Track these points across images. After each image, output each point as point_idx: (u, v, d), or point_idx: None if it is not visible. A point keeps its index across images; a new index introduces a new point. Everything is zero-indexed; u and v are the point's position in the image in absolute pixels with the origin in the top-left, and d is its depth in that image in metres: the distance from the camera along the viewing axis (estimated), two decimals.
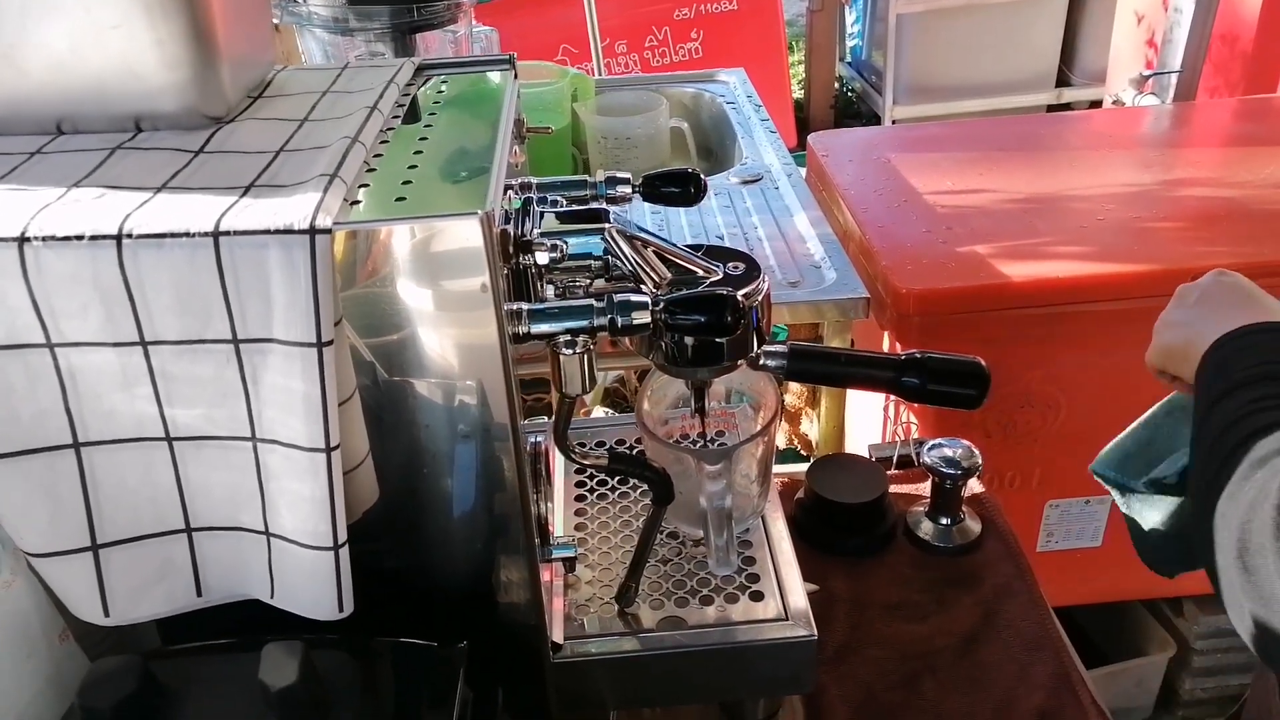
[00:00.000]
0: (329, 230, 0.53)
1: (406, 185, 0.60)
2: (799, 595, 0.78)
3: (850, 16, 4.43)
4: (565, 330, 0.62)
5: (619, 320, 0.62)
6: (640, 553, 0.77)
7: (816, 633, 0.75)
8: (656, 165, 1.73)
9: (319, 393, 0.55)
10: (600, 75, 3.59)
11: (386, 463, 0.64)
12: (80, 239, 0.52)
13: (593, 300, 0.63)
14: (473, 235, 0.55)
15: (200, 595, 0.63)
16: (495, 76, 0.82)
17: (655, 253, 0.70)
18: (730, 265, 0.71)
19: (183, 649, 0.63)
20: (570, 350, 0.62)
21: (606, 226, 0.70)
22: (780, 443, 1.86)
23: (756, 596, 0.78)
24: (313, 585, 0.60)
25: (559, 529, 0.86)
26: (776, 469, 1.06)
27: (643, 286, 0.68)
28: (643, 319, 0.63)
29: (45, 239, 0.52)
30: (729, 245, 0.93)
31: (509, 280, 0.62)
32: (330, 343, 0.54)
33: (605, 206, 0.75)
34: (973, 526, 0.99)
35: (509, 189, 0.66)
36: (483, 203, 0.56)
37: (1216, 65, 2.17)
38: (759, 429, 0.81)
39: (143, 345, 0.55)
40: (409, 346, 0.60)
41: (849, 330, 1.29)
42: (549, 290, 0.73)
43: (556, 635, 0.74)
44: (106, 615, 0.60)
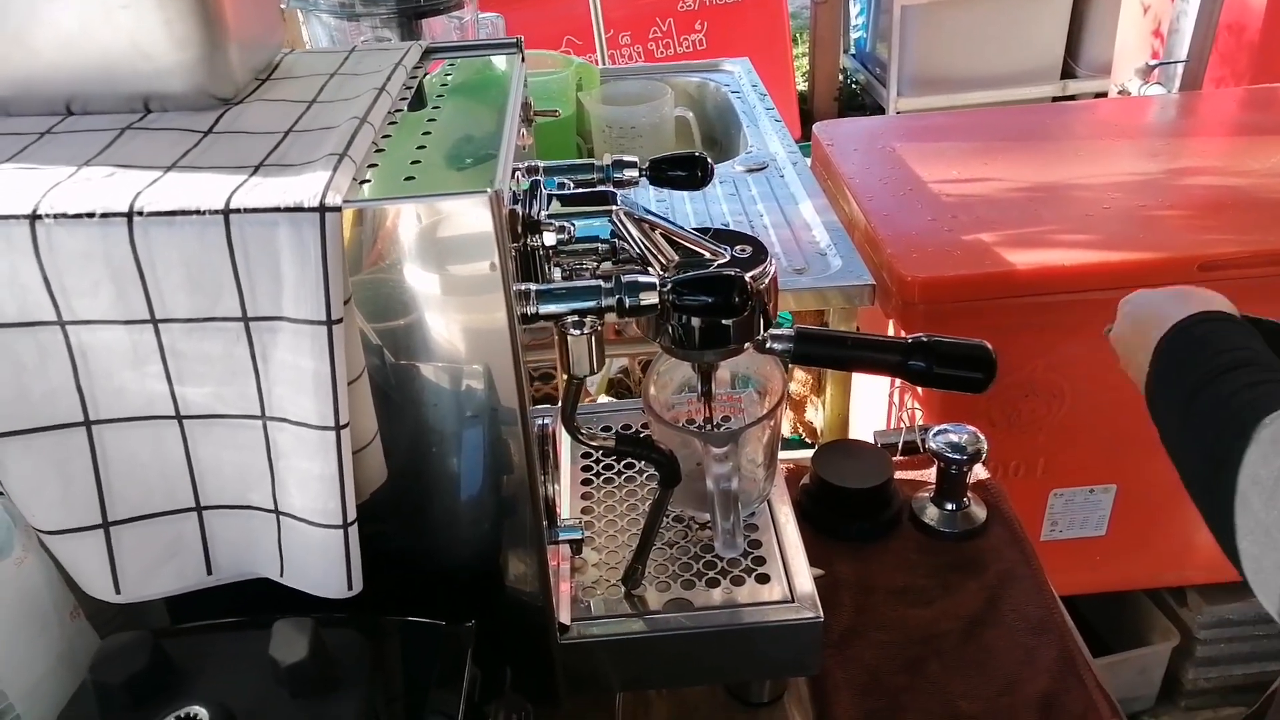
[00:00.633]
0: (339, 208, 0.53)
1: (415, 165, 0.60)
2: (805, 578, 0.78)
3: (855, 8, 4.42)
4: (573, 311, 0.62)
5: (627, 301, 0.62)
6: (647, 535, 0.77)
7: (822, 615, 0.75)
8: (662, 154, 1.73)
9: (329, 371, 0.55)
10: (605, 66, 3.59)
11: (395, 443, 0.64)
12: (91, 217, 0.52)
13: (600, 281, 0.63)
14: (481, 214, 0.55)
15: (210, 573, 0.63)
16: (502, 61, 0.82)
17: (663, 235, 0.70)
18: (737, 248, 0.71)
19: (193, 627, 0.63)
20: (578, 331, 0.63)
21: (614, 209, 0.70)
22: (785, 430, 1.87)
23: (763, 579, 0.79)
24: (322, 563, 0.60)
25: (566, 511, 0.86)
26: (782, 455, 1.06)
27: (650, 269, 0.68)
28: (650, 300, 0.63)
29: (56, 216, 0.52)
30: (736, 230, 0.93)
31: (517, 262, 0.62)
32: (340, 321, 0.54)
33: (611, 189, 0.76)
34: (978, 512, 0.99)
35: (517, 171, 0.66)
36: (491, 182, 0.56)
37: (1223, 55, 2.16)
38: (765, 412, 0.81)
39: (153, 323, 0.55)
40: (417, 327, 0.60)
41: (854, 318, 1.28)
42: (556, 273, 0.73)
43: (564, 616, 0.75)
44: (117, 592, 0.60)
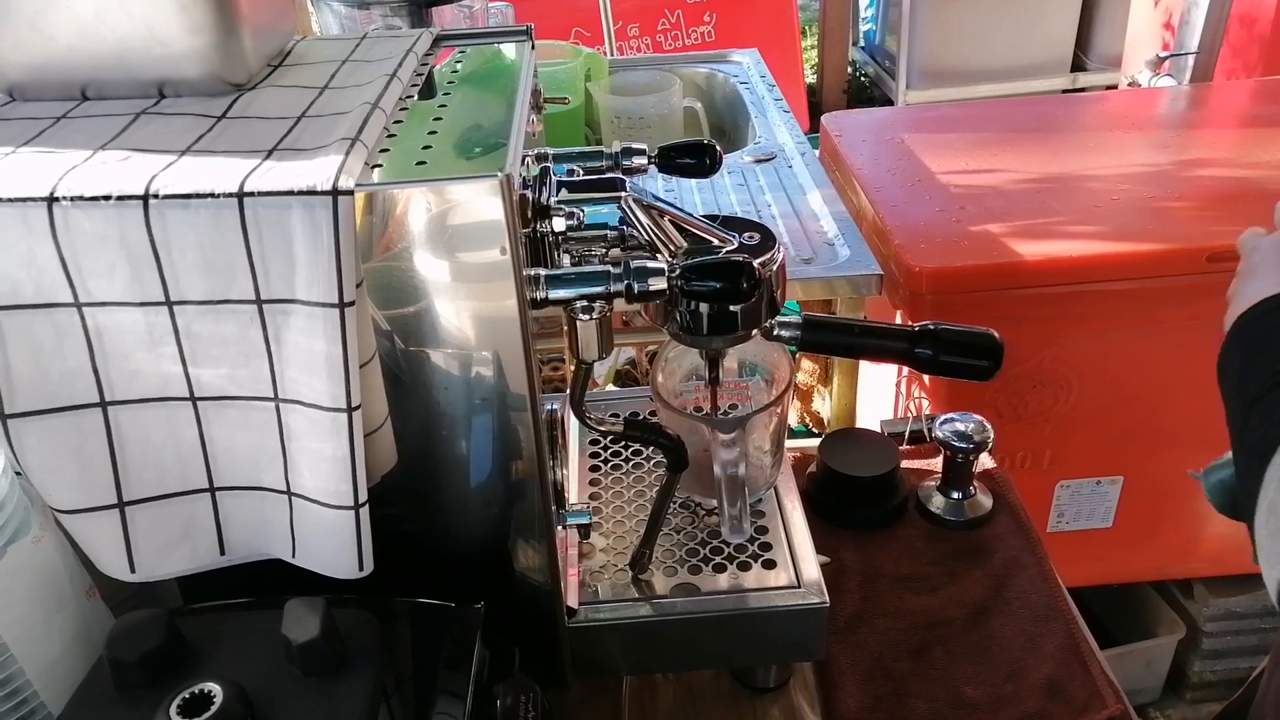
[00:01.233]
0: (351, 191, 0.54)
1: (426, 150, 0.61)
2: (811, 564, 0.79)
3: (864, 1, 4.41)
4: (582, 296, 0.63)
5: (635, 286, 0.63)
6: (654, 520, 0.78)
7: (828, 600, 0.75)
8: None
9: (340, 353, 0.55)
10: (613, 57, 3.59)
11: (406, 427, 0.65)
12: (108, 199, 0.53)
13: (609, 266, 0.63)
14: (492, 198, 0.56)
15: (223, 554, 0.64)
16: (512, 49, 0.83)
17: (671, 222, 0.70)
18: (746, 235, 0.71)
19: (206, 606, 0.64)
20: (587, 316, 0.63)
21: (623, 195, 0.71)
22: (792, 420, 1.87)
23: (769, 565, 0.79)
24: (333, 544, 0.61)
25: (574, 497, 0.87)
26: (789, 444, 1.07)
27: (658, 255, 0.68)
28: (659, 285, 0.63)
29: (73, 199, 0.53)
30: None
31: (527, 247, 0.63)
32: (352, 303, 0.55)
33: (621, 176, 0.76)
34: (984, 501, 1.00)
35: (526, 157, 0.67)
36: (502, 166, 0.57)
37: (1234, 47, 2.15)
38: (772, 399, 0.82)
39: (168, 305, 0.56)
40: (428, 312, 0.61)
41: (861, 308, 1.29)
42: (565, 260, 0.74)
43: (571, 600, 0.75)
44: (132, 572, 0.61)
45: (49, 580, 0.60)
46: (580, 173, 0.78)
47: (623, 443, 0.94)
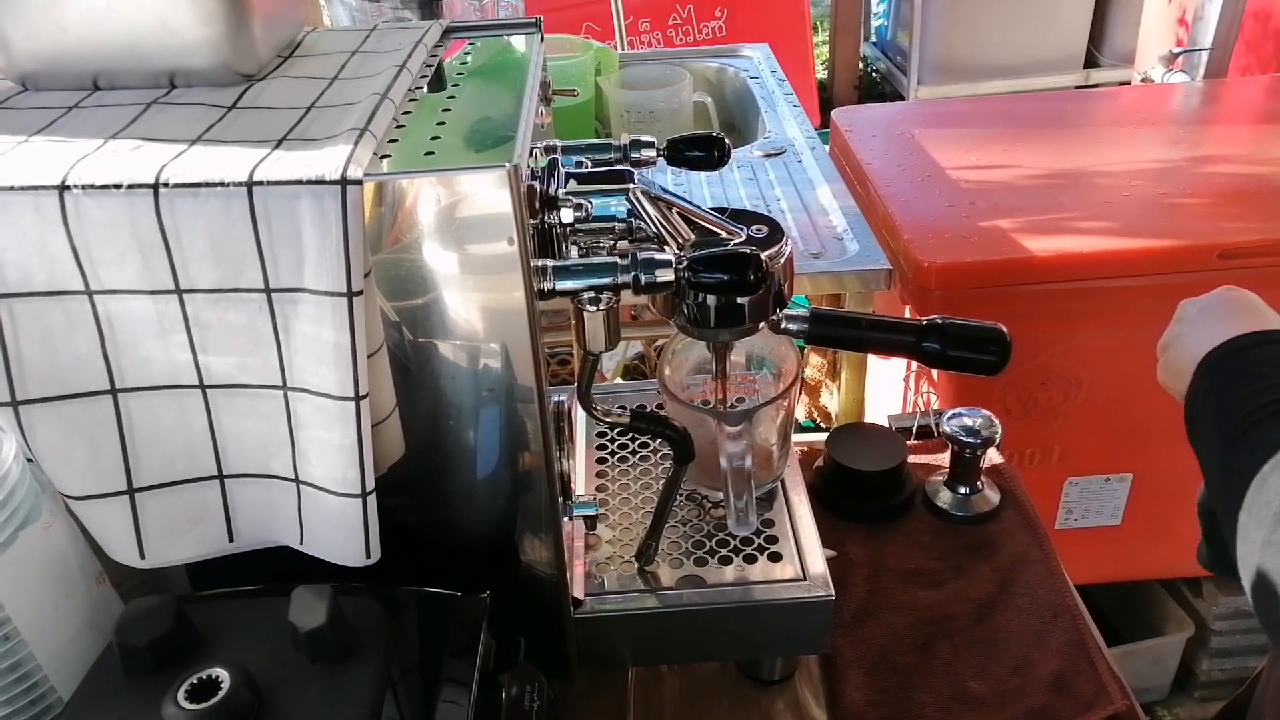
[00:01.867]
0: (360, 181, 0.54)
1: (435, 141, 0.61)
2: (817, 557, 0.79)
3: None
4: (589, 287, 0.63)
5: (642, 278, 0.63)
6: (660, 512, 0.78)
7: (834, 593, 0.76)
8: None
9: (349, 342, 0.56)
10: (624, 51, 3.58)
11: (413, 418, 0.65)
12: (118, 188, 0.53)
13: (617, 258, 0.63)
14: (500, 188, 0.56)
15: (232, 540, 0.64)
16: (521, 40, 0.83)
17: (679, 214, 0.70)
18: (754, 228, 0.71)
19: (214, 593, 0.65)
20: (594, 307, 0.63)
21: (631, 187, 0.71)
22: (800, 415, 1.87)
23: (775, 558, 0.79)
24: (341, 532, 0.61)
25: (581, 488, 0.87)
26: (796, 438, 1.07)
27: (666, 247, 0.68)
28: (666, 277, 0.63)
29: (84, 187, 0.53)
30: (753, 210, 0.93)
31: (534, 239, 0.63)
32: (360, 293, 0.55)
33: (630, 168, 0.76)
34: (991, 496, 1.00)
35: (534, 149, 0.67)
36: (510, 156, 0.57)
37: (1249, 43, 2.14)
38: (779, 392, 0.82)
39: (178, 293, 0.56)
40: (435, 303, 0.61)
41: (870, 303, 1.29)
42: (573, 251, 0.74)
43: (578, 591, 0.76)
44: (142, 558, 0.61)
45: (59, 566, 0.60)
46: (589, 164, 0.78)
47: (629, 435, 0.94)
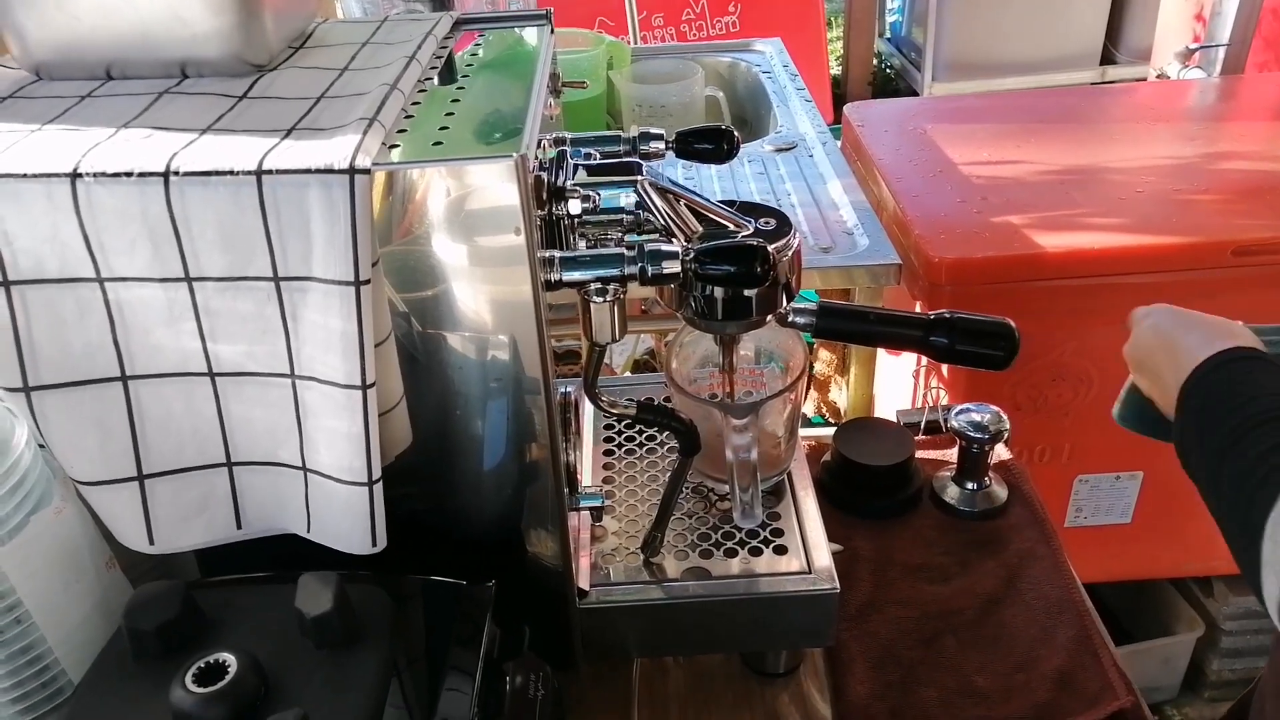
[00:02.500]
0: (368, 170, 0.54)
1: (443, 131, 0.61)
2: (823, 551, 0.79)
3: None
4: (596, 278, 0.63)
5: (649, 269, 0.63)
6: (666, 504, 0.78)
7: (839, 587, 0.76)
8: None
9: (356, 331, 0.56)
10: (636, 46, 3.58)
11: (421, 408, 0.65)
12: (129, 176, 0.54)
13: (624, 249, 0.64)
14: (507, 178, 0.56)
15: (240, 527, 0.65)
16: (531, 32, 0.83)
17: (687, 206, 0.71)
18: (762, 220, 0.71)
19: (222, 579, 0.65)
20: (601, 299, 0.63)
21: (639, 179, 0.71)
22: (808, 410, 1.87)
23: (780, 551, 0.80)
24: (347, 520, 0.62)
25: (587, 480, 0.87)
26: (804, 433, 1.07)
27: (674, 239, 0.68)
28: (673, 268, 0.63)
29: (96, 175, 0.54)
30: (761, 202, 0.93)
31: (542, 230, 0.63)
32: (367, 282, 0.56)
33: (638, 160, 0.76)
34: (999, 492, 0.99)
35: (543, 140, 0.67)
36: (518, 146, 0.57)
37: (1267, 39, 2.12)
38: (786, 385, 0.82)
39: (188, 281, 0.57)
40: (443, 293, 0.61)
41: (880, 298, 1.29)
42: (580, 243, 0.74)
43: (583, 582, 0.76)
44: (151, 543, 0.62)
45: (69, 551, 0.61)
46: (598, 156, 0.78)
47: (636, 427, 0.95)
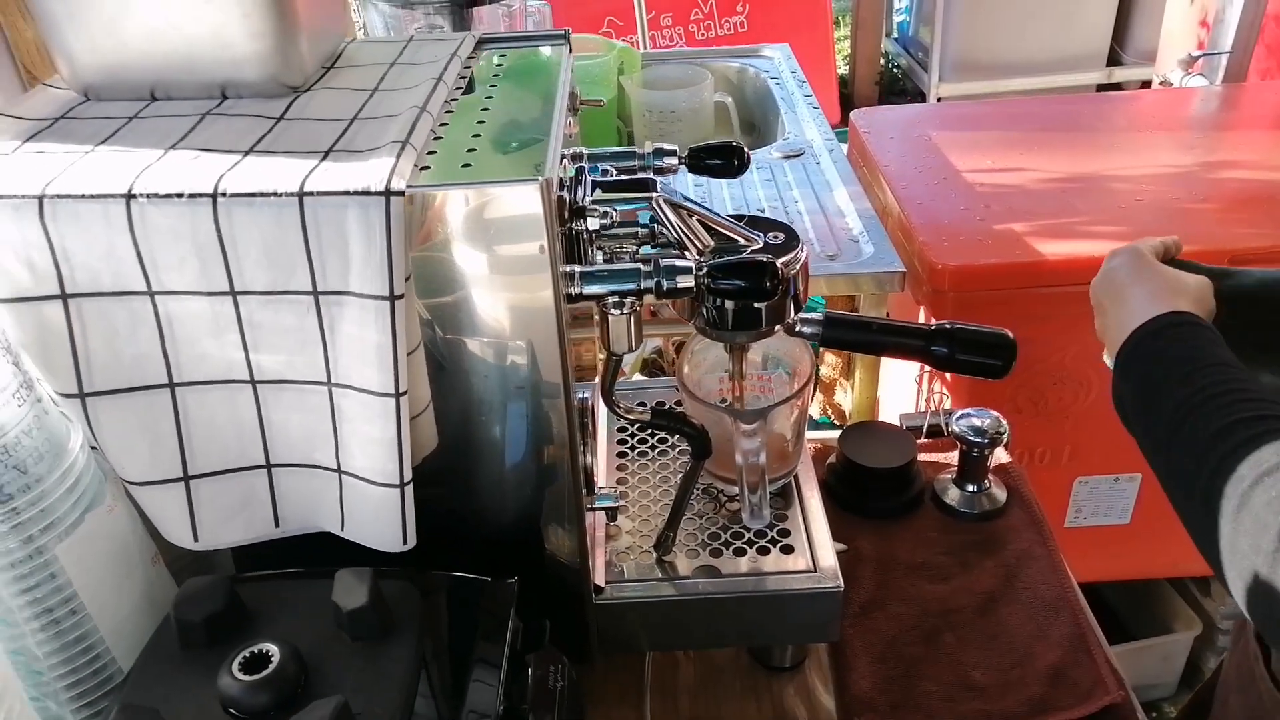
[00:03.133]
0: (402, 192, 0.58)
1: (471, 153, 0.65)
2: (827, 550, 0.82)
3: None
4: (614, 292, 0.66)
5: (664, 283, 0.66)
6: (678, 505, 0.82)
7: (843, 585, 0.79)
8: (700, 139, 1.75)
9: (390, 342, 0.60)
10: (645, 48, 3.61)
11: (446, 412, 0.69)
12: (180, 197, 0.57)
13: (640, 264, 0.67)
14: (532, 200, 0.60)
15: (278, 526, 0.69)
16: (550, 51, 0.86)
17: (699, 221, 0.74)
18: (771, 235, 0.75)
19: (262, 574, 0.69)
20: (618, 311, 0.67)
21: (654, 195, 0.74)
22: (815, 412, 1.90)
23: (787, 550, 0.83)
24: (379, 519, 0.65)
25: (602, 481, 0.91)
26: (810, 435, 1.10)
27: (687, 253, 0.72)
28: (686, 283, 0.67)
29: (149, 196, 0.57)
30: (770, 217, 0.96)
31: (563, 245, 0.67)
32: (401, 296, 0.59)
33: (652, 176, 0.80)
34: (998, 494, 1.03)
35: (564, 158, 0.70)
36: (542, 170, 0.60)
37: (1269, 47, 2.14)
38: (793, 392, 0.85)
39: (233, 295, 0.60)
40: (469, 304, 0.65)
41: (885, 304, 1.32)
42: (598, 256, 0.78)
43: (599, 578, 0.80)
44: (195, 540, 0.66)
45: (120, 547, 0.65)
46: (614, 173, 0.81)
47: (649, 431, 0.98)
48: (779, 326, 0.74)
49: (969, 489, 1.02)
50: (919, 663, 0.86)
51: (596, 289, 0.66)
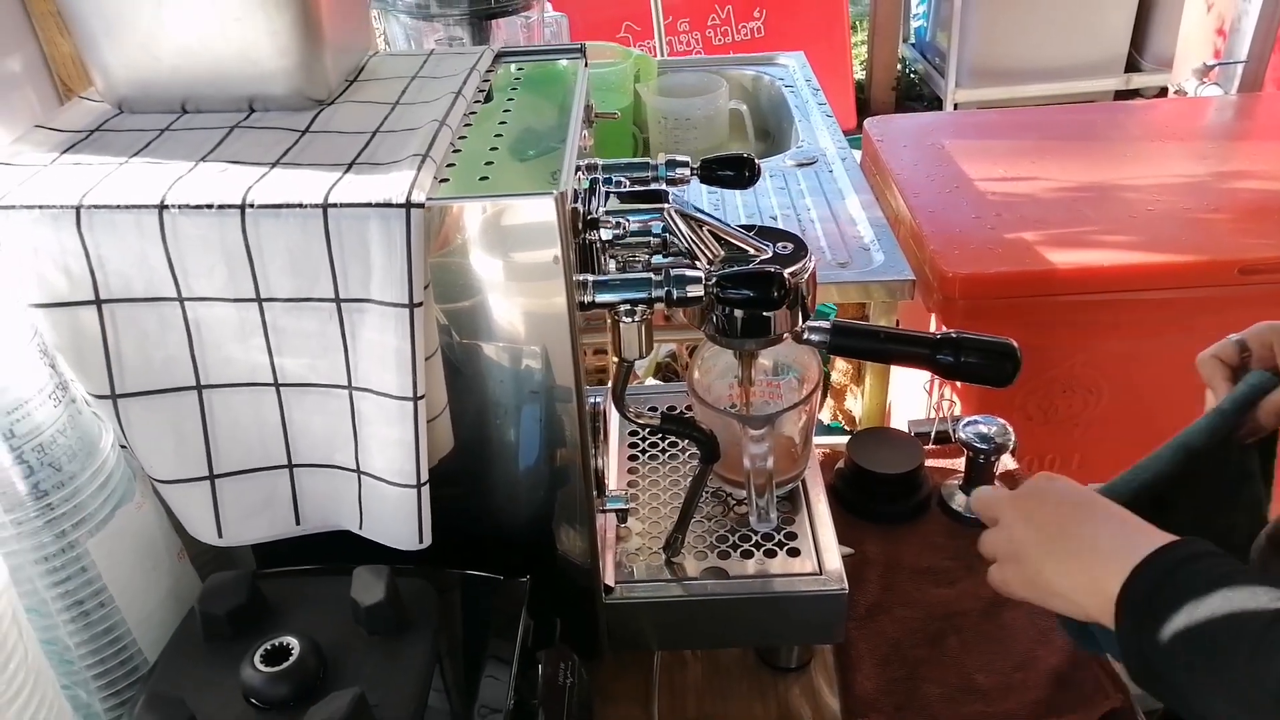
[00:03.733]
0: (422, 205, 0.60)
1: (488, 165, 0.67)
2: (834, 554, 0.84)
3: None
4: (625, 300, 0.69)
5: (674, 293, 0.68)
6: (687, 508, 0.84)
7: (848, 587, 0.81)
8: (715, 146, 1.79)
9: (409, 348, 0.62)
10: (662, 54, 3.63)
11: (462, 416, 0.71)
12: (210, 208, 0.60)
13: (651, 274, 0.69)
14: (548, 212, 0.62)
15: (298, 524, 0.71)
16: (566, 64, 0.88)
17: (710, 231, 0.76)
18: (780, 245, 0.76)
19: (283, 570, 0.71)
20: (630, 319, 0.69)
21: (666, 206, 0.76)
22: (824, 418, 1.91)
23: (794, 553, 0.85)
24: (397, 519, 0.68)
25: (613, 483, 0.93)
26: (819, 440, 1.12)
27: (697, 262, 0.74)
28: (696, 292, 0.69)
29: (181, 207, 0.60)
30: (781, 226, 0.98)
31: (576, 254, 0.69)
32: (420, 304, 0.61)
33: (665, 188, 0.82)
34: None
35: (578, 170, 0.72)
36: (557, 183, 0.62)
37: None
38: (802, 398, 0.87)
39: (258, 302, 0.63)
40: (485, 312, 0.67)
41: (895, 311, 1.33)
42: (611, 264, 0.80)
43: (609, 578, 0.82)
44: (220, 536, 0.68)
45: (148, 542, 0.67)
46: (627, 183, 0.83)
47: (660, 434, 1.00)
48: (787, 334, 0.76)
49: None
50: (923, 665, 0.88)
51: (609, 297, 0.69)
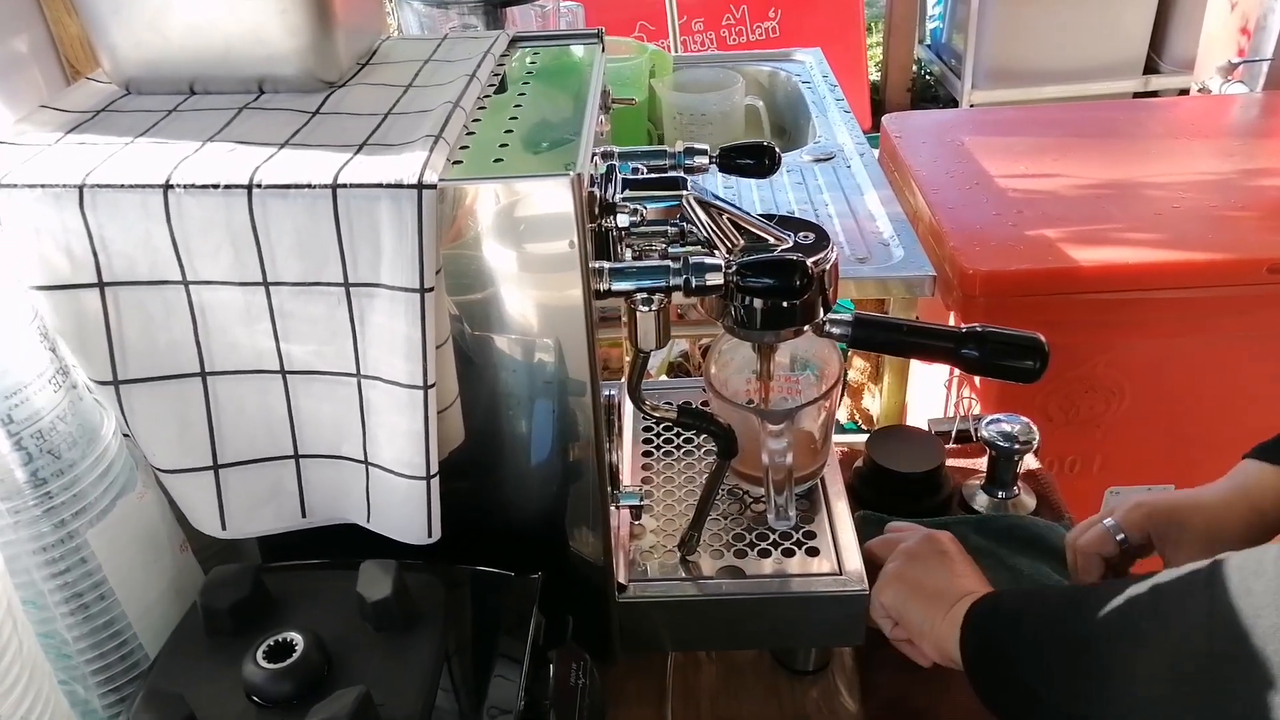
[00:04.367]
0: (435, 186, 0.58)
1: (503, 148, 0.65)
2: (853, 553, 0.82)
3: None
4: (642, 288, 0.66)
5: (693, 281, 0.66)
6: (703, 505, 0.82)
7: (868, 588, 0.78)
8: (730, 142, 1.76)
9: (419, 335, 0.60)
10: (676, 53, 3.62)
11: (473, 407, 0.69)
12: (217, 188, 0.58)
13: (669, 261, 0.67)
14: (563, 195, 0.60)
15: (304, 516, 0.69)
16: (583, 50, 0.86)
17: (729, 220, 0.74)
18: (801, 234, 0.74)
19: (287, 564, 0.69)
20: (647, 308, 0.67)
21: (684, 193, 0.74)
22: (842, 417, 1.89)
23: (812, 552, 0.83)
24: (406, 511, 0.66)
25: (627, 479, 0.91)
26: (837, 439, 1.09)
27: (716, 251, 0.72)
28: (715, 280, 0.67)
29: (186, 187, 0.58)
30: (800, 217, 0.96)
31: (593, 241, 0.67)
32: (431, 289, 0.60)
33: (683, 175, 0.79)
34: (1027, 501, 1.01)
35: (595, 156, 0.70)
36: (573, 165, 0.61)
37: None
38: (821, 393, 0.84)
39: (265, 285, 0.61)
40: (498, 298, 0.65)
41: (914, 309, 1.31)
42: (627, 253, 0.78)
43: (622, 576, 0.80)
44: (224, 529, 0.67)
45: (150, 533, 0.65)
46: (644, 170, 0.81)
47: (675, 429, 0.98)
48: (807, 326, 0.74)
49: (998, 495, 1.01)
50: (946, 670, 0.85)
51: (625, 285, 0.66)
